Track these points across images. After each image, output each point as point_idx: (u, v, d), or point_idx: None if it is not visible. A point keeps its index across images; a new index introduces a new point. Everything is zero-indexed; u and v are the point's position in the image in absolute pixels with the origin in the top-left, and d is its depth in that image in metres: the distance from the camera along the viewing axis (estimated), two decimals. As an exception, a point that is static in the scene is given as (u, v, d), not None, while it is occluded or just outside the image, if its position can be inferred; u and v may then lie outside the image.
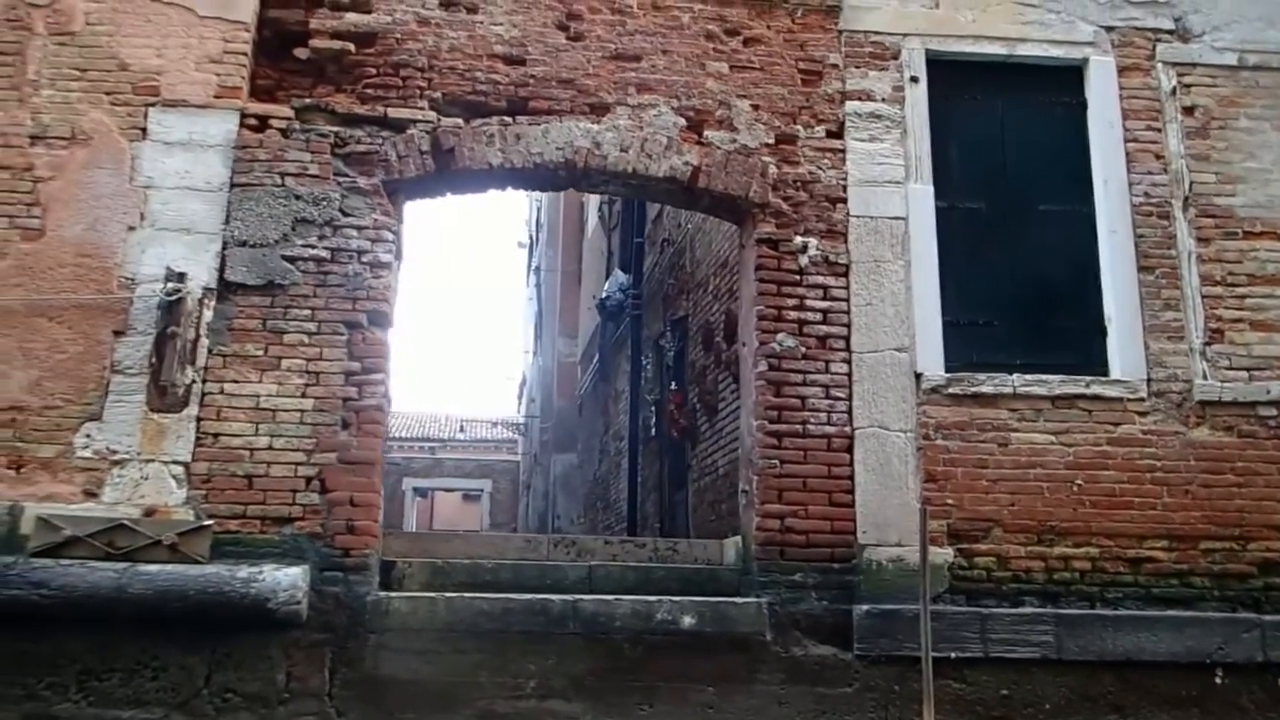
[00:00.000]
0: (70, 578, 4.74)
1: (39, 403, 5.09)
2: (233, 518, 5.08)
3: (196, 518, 5.02)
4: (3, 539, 4.86)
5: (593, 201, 16.76)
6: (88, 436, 5.08)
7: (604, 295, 13.25)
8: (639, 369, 11.71)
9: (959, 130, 6.21)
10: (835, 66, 6.17)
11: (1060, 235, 6.15)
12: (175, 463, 5.10)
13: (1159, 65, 6.30)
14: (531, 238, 27.48)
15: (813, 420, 5.65)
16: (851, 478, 5.60)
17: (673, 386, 9.85)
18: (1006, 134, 6.27)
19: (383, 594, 5.14)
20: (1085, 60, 6.31)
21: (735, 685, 5.23)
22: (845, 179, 6.00)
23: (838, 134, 6.07)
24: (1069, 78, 6.33)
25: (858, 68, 6.18)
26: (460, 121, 5.80)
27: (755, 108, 6.04)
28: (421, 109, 5.79)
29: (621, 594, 5.42)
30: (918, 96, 6.17)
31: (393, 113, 5.76)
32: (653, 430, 10.67)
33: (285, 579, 4.86)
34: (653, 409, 10.71)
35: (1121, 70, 6.30)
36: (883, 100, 6.14)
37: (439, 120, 5.78)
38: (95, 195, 5.40)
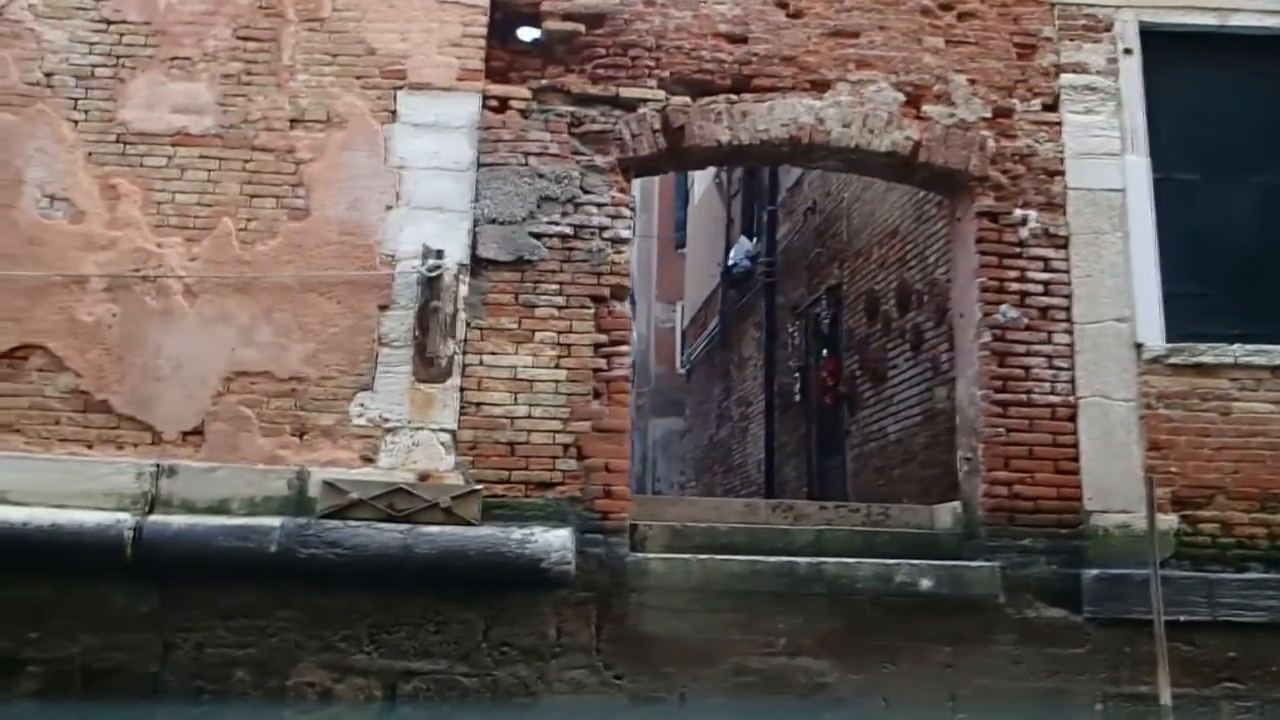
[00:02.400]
0: (361, 538, 5.07)
1: (316, 374, 5.40)
2: (498, 482, 5.36)
3: (466, 482, 5.32)
4: (293, 501, 5.20)
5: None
6: (361, 405, 5.39)
7: (730, 262, 13.40)
8: (773, 335, 11.88)
9: (1172, 102, 6.24)
10: (1049, 39, 6.23)
11: (1274, 206, 6.19)
12: (443, 430, 5.40)
13: (1376, 33, 6.26)
14: (616, 203, 27.53)
15: (1037, 390, 5.79)
16: (1076, 446, 5.74)
17: (824, 354, 10.01)
18: (1219, 105, 6.29)
19: (639, 555, 5.41)
20: (1298, 29, 6.29)
21: (971, 646, 5.44)
22: (1062, 151, 6.08)
23: (1053, 107, 6.14)
24: (1282, 48, 6.32)
25: (1071, 40, 6.23)
26: (688, 100, 5.97)
27: (972, 82, 6.13)
28: (651, 88, 5.97)
29: (847, 557, 5.63)
30: (1131, 68, 6.21)
31: (624, 92, 5.94)
32: (796, 396, 10.84)
33: (556, 540, 5.15)
34: (796, 375, 10.88)
35: (1337, 39, 6.27)
36: (1097, 73, 6.19)
37: (668, 99, 5.96)
38: (353, 176, 5.67)
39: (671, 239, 20.72)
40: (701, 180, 17.31)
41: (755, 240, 12.88)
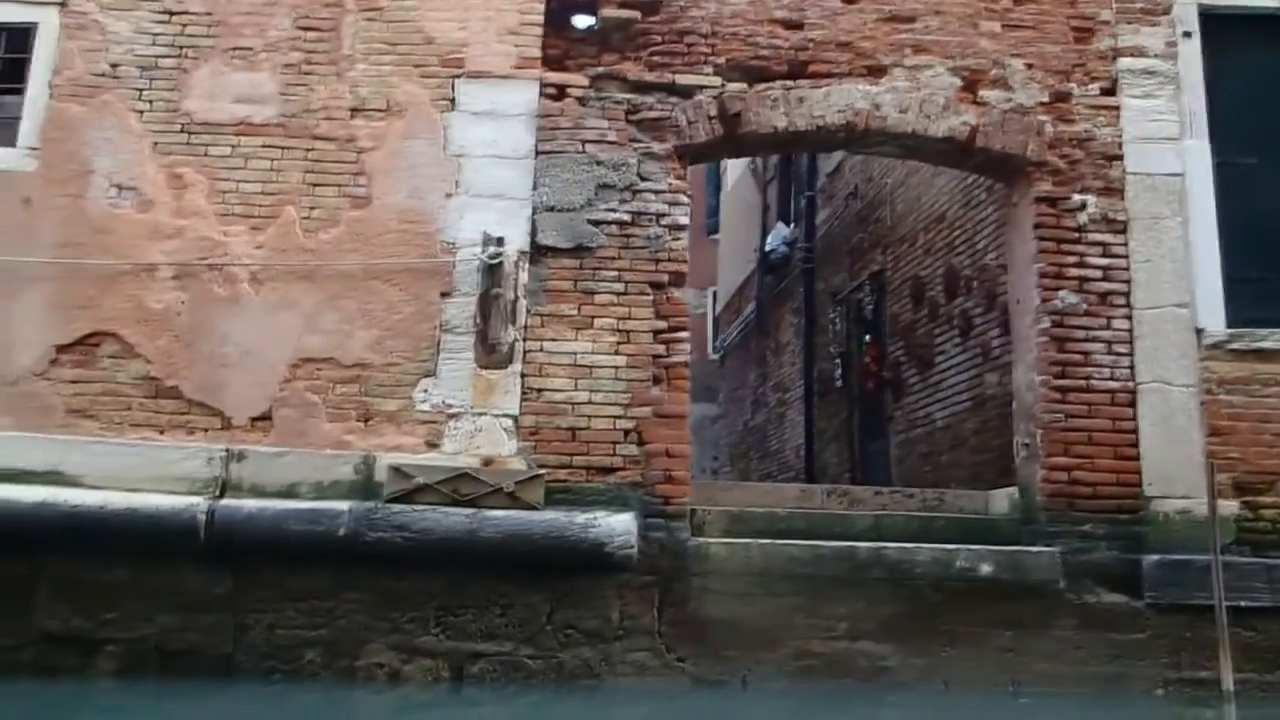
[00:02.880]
0: (428, 522, 5.14)
1: (380, 360, 5.47)
2: (560, 467, 5.42)
3: (529, 467, 5.37)
4: (360, 486, 5.27)
5: (733, 153, 16.77)
6: (425, 391, 5.45)
7: (767, 248, 13.41)
8: (812, 320, 11.87)
9: (1232, 85, 6.18)
10: (1107, 23, 6.19)
11: (1336, 190, 6.13)
12: (505, 416, 5.45)
13: None
14: (644, 189, 27.55)
15: (1096, 376, 5.78)
16: (1135, 431, 5.72)
17: (867, 339, 10.01)
18: (1280, 88, 6.23)
19: (700, 540, 5.45)
20: (1362, 10, 6.22)
21: (1032, 631, 5.45)
22: (1121, 136, 6.05)
23: (1111, 91, 6.11)
24: (1345, 29, 6.25)
25: (1129, 23, 6.18)
26: (744, 86, 5.98)
27: (1029, 66, 6.10)
28: (707, 75, 5.98)
29: (905, 542, 5.65)
30: (1191, 51, 6.16)
31: (680, 79, 5.96)
32: (838, 382, 10.85)
33: (619, 524, 5.20)
34: (837, 361, 10.88)
35: (1400, 20, 6.19)
36: (1156, 56, 6.14)
37: (724, 85, 5.97)
38: (413, 164, 5.72)
39: (703, 225, 20.67)
40: (735, 167, 17.28)
41: (793, 226, 12.87)
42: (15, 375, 5.35)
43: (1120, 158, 6.02)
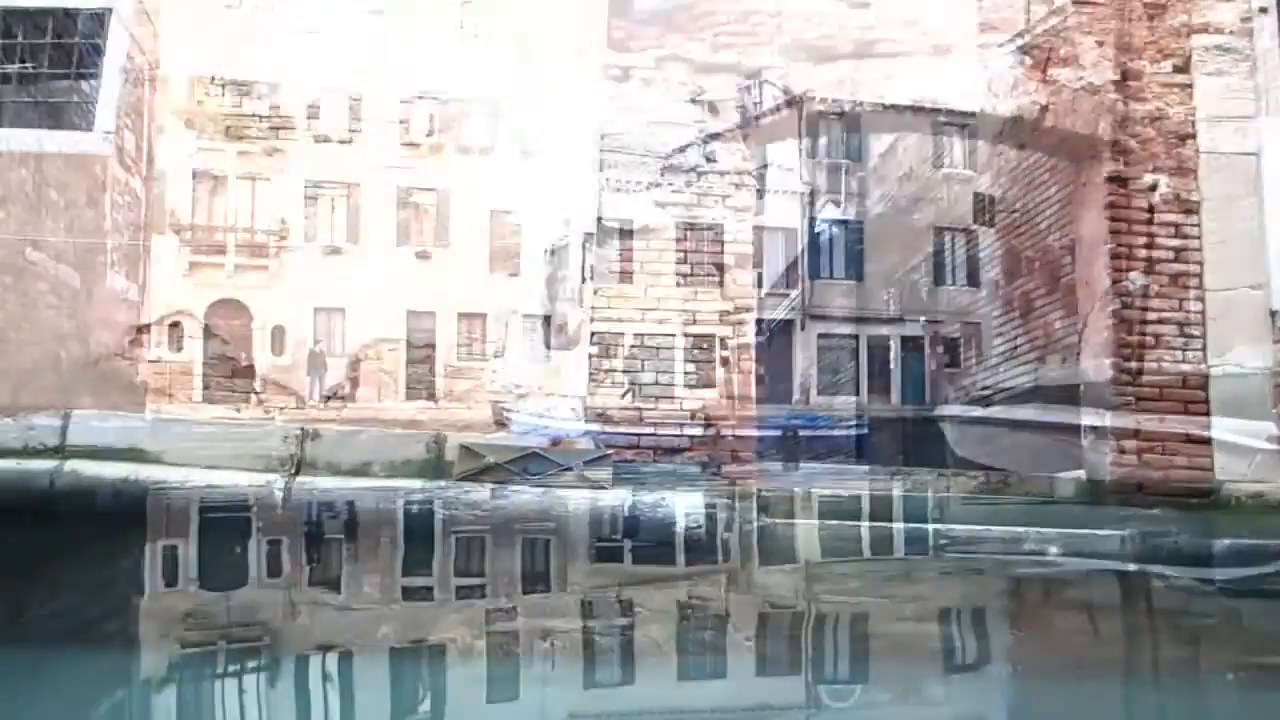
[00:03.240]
0: (498, 500, 5.21)
1: (451, 341, 5.55)
2: (628, 447, 5.47)
3: (596, 447, 5.42)
4: (431, 464, 5.37)
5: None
6: (494, 372, 5.53)
7: (815, 230, 13.36)
8: (864, 302, 11.83)
9: (1310, 61, 6.06)
10: (1180, -1, 6.08)
11: None
12: (573, 396, 5.50)
13: None
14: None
15: (1167, 358, 5.73)
16: (1207, 414, 5.66)
17: (923, 321, 9.96)
18: (1360, 63, 6.08)
19: (767, 520, 5.48)
20: None
21: (1102, 612, 5.40)
22: (1193, 114, 5.95)
23: (1184, 69, 6.01)
24: None
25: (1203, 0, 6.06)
26: (809, 66, 5.95)
27: (1100, 44, 6.01)
28: (772, 55, 5.95)
29: (971, 524, 5.63)
30: (1267, 27, 6.03)
31: (745, 60, 5.94)
32: (891, 364, 10.82)
33: (687, 505, 5.24)
34: (892, 343, 10.84)
35: None
36: (1230, 33, 6.03)
37: (789, 66, 5.94)
38: (480, 147, 5.85)
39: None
40: (777, 148, 17.18)
41: (843, 207, 12.82)
42: (96, 355, 5.48)
43: (1193, 136, 5.93)
